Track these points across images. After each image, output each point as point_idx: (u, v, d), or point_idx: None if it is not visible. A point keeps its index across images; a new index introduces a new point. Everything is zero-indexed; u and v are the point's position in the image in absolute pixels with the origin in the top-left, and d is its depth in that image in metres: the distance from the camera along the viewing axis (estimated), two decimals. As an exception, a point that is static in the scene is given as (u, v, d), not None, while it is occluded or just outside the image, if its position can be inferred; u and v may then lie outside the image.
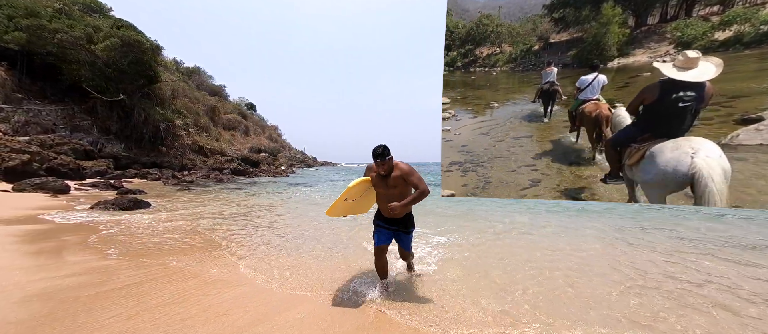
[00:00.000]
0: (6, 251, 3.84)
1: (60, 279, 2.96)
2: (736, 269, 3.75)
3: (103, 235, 4.87)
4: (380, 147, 2.68)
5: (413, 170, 2.73)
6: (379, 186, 2.82)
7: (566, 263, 3.95)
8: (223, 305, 2.61)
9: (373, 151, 2.69)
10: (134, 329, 2.15)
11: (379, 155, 2.66)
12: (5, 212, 6.50)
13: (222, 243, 4.67)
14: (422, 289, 3.09)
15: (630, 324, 2.47)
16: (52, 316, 2.26)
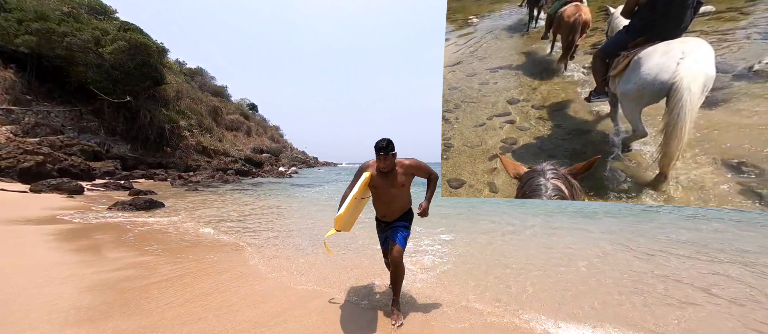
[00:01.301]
0: (49, 248, 4.18)
1: (109, 273, 3.29)
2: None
3: (134, 234, 5.20)
4: (384, 140, 2.45)
5: (417, 161, 2.58)
6: (379, 185, 2.58)
7: (563, 259, 4.29)
8: (258, 295, 2.94)
9: (376, 145, 2.45)
10: (190, 312, 2.48)
11: (383, 149, 2.43)
12: (32, 212, 6.83)
13: (245, 242, 5.00)
14: (426, 283, 3.43)
15: (627, 319, 2.81)
16: (116, 302, 2.59)
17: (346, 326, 2.39)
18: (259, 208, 9.14)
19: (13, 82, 19.66)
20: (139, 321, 2.29)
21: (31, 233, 4.97)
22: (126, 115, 23.35)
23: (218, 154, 32.73)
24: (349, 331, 2.31)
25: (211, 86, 48.56)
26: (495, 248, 4.87)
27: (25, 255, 3.77)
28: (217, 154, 32.47)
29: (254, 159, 36.59)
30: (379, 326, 2.42)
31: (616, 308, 2.86)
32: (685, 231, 6.06)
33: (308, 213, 8.49)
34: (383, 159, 2.45)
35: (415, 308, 2.76)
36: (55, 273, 3.20)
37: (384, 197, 2.61)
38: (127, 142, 23.31)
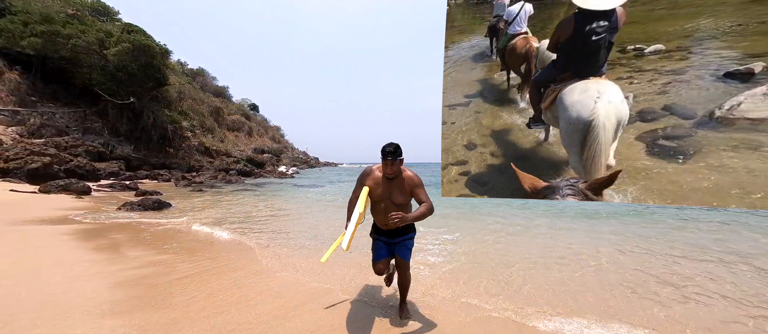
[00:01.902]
0: (70, 247, 4.38)
1: (133, 270, 3.50)
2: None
3: (149, 234, 5.41)
4: (392, 144, 2.40)
5: (422, 184, 2.50)
6: (381, 193, 2.50)
7: (560, 256, 4.49)
8: (273, 291, 3.14)
9: (384, 149, 2.39)
10: (213, 306, 2.68)
11: (391, 154, 2.36)
12: (45, 212, 7.04)
13: (254, 241, 5.20)
14: (431, 280, 3.63)
15: (621, 313, 3.01)
16: (144, 297, 2.79)
17: (357, 320, 2.59)
18: (265, 208, 9.34)
19: (19, 84, 19.90)
20: (168, 314, 2.49)
21: (49, 232, 5.18)
22: (129, 116, 23.57)
23: (220, 154, 32.94)
24: (360, 325, 2.51)
25: (212, 87, 48.82)
26: (498, 247, 5.07)
27: (50, 254, 3.98)
28: (219, 154, 32.68)
29: (256, 159, 36.78)
30: (387, 320, 2.62)
31: (611, 304, 3.06)
32: (684, 233, 6.26)
33: (312, 213, 8.69)
34: (390, 164, 2.38)
35: (420, 304, 2.95)
36: (81, 270, 3.41)
37: (384, 205, 2.50)
38: (130, 143, 23.52)
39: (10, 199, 8.74)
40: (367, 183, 2.54)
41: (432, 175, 24.36)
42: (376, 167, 2.53)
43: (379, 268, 2.63)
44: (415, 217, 2.29)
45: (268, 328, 2.37)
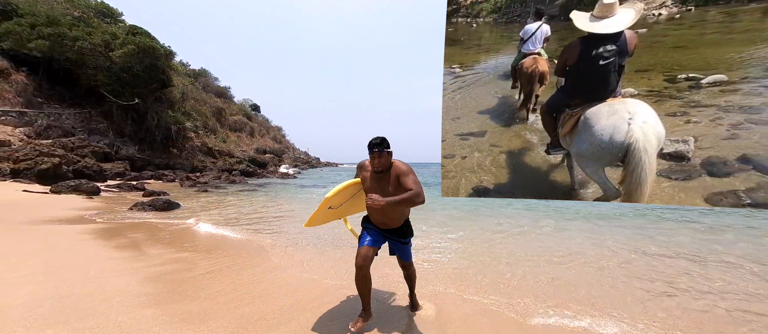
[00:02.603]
0: (93, 246, 4.61)
1: (158, 267, 3.72)
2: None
3: (165, 233, 5.64)
4: (379, 138, 2.33)
5: (411, 171, 2.37)
6: (372, 188, 2.43)
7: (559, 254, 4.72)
8: (291, 286, 3.35)
9: (371, 142, 2.33)
10: (239, 298, 2.90)
11: (377, 145, 2.29)
12: (60, 212, 7.27)
13: (267, 241, 5.43)
14: (438, 277, 3.85)
15: (614, 309, 3.22)
16: (174, 291, 3.01)
17: (373, 313, 2.80)
18: (273, 208, 9.57)
19: (25, 85, 20.16)
20: (199, 305, 2.71)
21: (69, 232, 5.41)
22: (134, 117, 23.83)
23: (223, 155, 33.19)
24: (375, 316, 2.73)
25: (214, 87, 49.07)
26: (500, 246, 5.29)
27: (77, 252, 4.20)
28: (221, 154, 32.93)
29: (258, 160, 37.03)
30: (397, 312, 2.84)
31: (606, 301, 3.28)
32: (686, 235, 6.48)
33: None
34: (377, 156, 2.30)
35: (428, 298, 3.17)
36: (111, 267, 3.63)
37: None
38: (134, 144, 23.78)
39: (24, 199, 8.97)
40: (361, 175, 2.53)
41: (432, 175, 24.58)
42: (368, 161, 2.45)
43: (363, 252, 2.33)
44: (397, 200, 2.17)
45: (291, 317, 2.58)
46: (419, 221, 7.40)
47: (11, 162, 13.55)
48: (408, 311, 2.83)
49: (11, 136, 17.17)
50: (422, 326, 2.57)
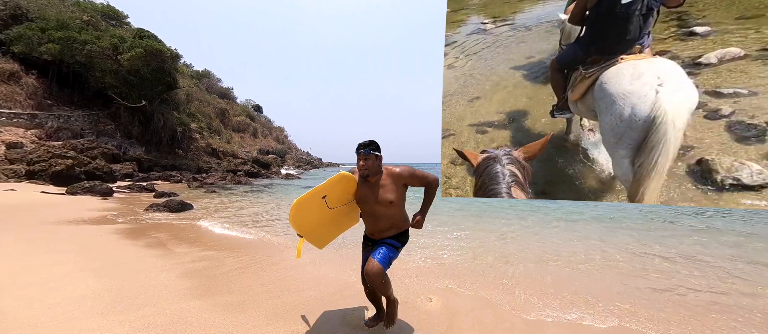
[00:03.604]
0: (124, 244, 4.95)
1: (189, 264, 4.06)
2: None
3: (187, 233, 5.99)
4: (367, 140, 2.15)
5: (409, 167, 2.21)
6: (363, 196, 2.23)
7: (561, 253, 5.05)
8: (313, 281, 3.68)
9: (358, 144, 2.15)
10: (269, 291, 3.23)
11: (364, 146, 2.11)
12: (82, 213, 7.63)
13: (284, 240, 5.77)
14: (445, 273, 4.18)
15: (607, 304, 3.55)
16: (210, 285, 3.35)
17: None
18: (284, 210, 9.92)
19: (36, 88, 20.58)
20: (235, 297, 3.05)
21: (98, 232, 5.76)
22: (140, 119, 24.24)
23: (227, 155, 33.58)
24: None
25: (218, 88, 49.51)
26: (503, 245, 5.62)
27: (111, 250, 4.55)
28: (226, 155, 33.33)
29: (262, 160, 37.41)
30: (414, 304, 3.17)
31: (602, 297, 3.60)
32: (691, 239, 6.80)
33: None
34: (363, 158, 2.11)
35: (436, 292, 3.51)
36: (148, 264, 3.97)
37: (367, 208, 2.24)
38: (141, 145, 24.19)
39: (44, 200, 9.34)
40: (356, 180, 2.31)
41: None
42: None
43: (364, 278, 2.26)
44: (427, 209, 2.23)
45: (317, 308, 2.92)
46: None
47: (25, 164, 13.95)
48: (418, 304, 3.16)
49: (23, 138, 17.58)
50: (431, 318, 2.90)
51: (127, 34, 23.74)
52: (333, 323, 2.63)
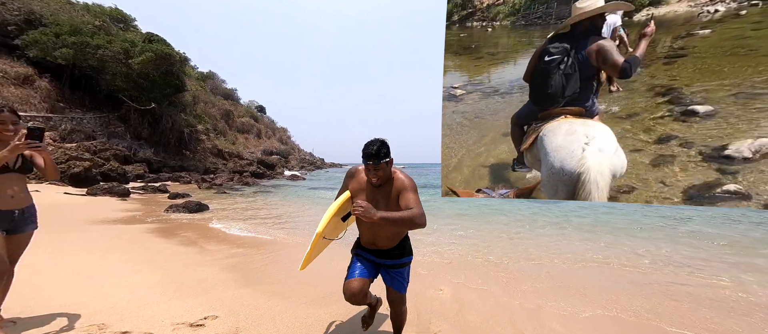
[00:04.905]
0: (159, 242, 5.46)
1: (224, 259, 4.56)
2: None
3: (212, 232, 6.51)
4: (375, 144, 1.88)
5: (415, 188, 1.96)
6: (367, 201, 1.93)
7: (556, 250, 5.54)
8: (339, 274, 4.17)
9: (365, 150, 1.89)
10: (304, 282, 3.70)
11: (373, 156, 1.86)
12: (110, 214, 8.15)
13: (299, 239, 6.28)
14: (451, 269, 4.67)
15: (604, 306, 4.04)
16: (250, 278, 3.84)
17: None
18: (295, 211, 10.43)
19: (49, 91, 21.16)
20: (274, 287, 3.54)
21: (133, 231, 6.27)
22: (150, 121, 24.81)
23: (232, 156, 34.15)
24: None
25: (222, 89, 50.10)
26: (505, 245, 6.11)
27: (152, 247, 5.05)
28: (231, 156, 33.89)
29: (266, 161, 37.96)
30: (426, 295, 3.66)
31: (597, 293, 4.09)
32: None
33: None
34: (373, 169, 1.89)
35: (446, 284, 4.00)
36: (190, 259, 4.47)
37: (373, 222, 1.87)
38: (150, 146, 24.76)
39: (69, 201, 9.87)
40: (351, 186, 2.12)
41: (438, 176, 25.37)
42: (363, 168, 2.04)
43: (354, 287, 1.99)
44: (394, 218, 1.78)
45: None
46: (428, 218, 8.22)
47: (45, 166, 14.45)
48: (430, 294, 3.64)
49: (39, 141, 18.09)
50: (443, 305, 3.37)
51: (136, 38, 24.30)
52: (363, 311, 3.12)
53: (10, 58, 20.28)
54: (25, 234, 2.26)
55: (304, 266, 2.23)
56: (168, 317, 2.61)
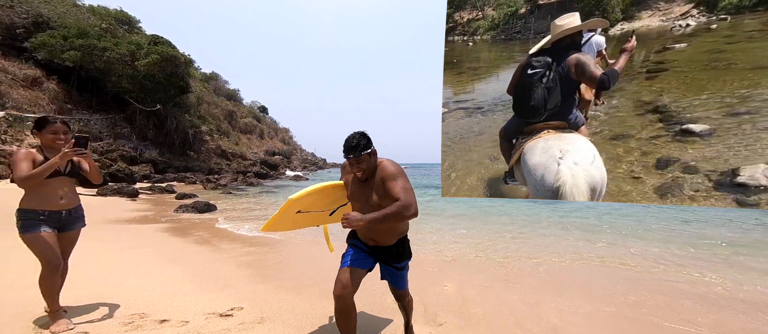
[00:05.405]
0: (175, 240, 5.71)
1: (239, 257, 4.80)
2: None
3: (223, 231, 6.76)
4: (355, 138, 1.84)
5: (400, 174, 1.87)
6: (356, 197, 2.01)
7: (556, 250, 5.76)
8: (345, 272, 4.43)
9: (344, 145, 1.85)
10: (316, 278, 3.92)
11: (352, 148, 1.80)
12: (124, 214, 8.43)
13: (307, 239, 6.52)
14: (454, 266, 4.90)
15: (600, 303, 4.27)
16: (266, 273, 4.07)
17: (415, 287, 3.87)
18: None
19: (57, 93, 21.49)
20: (289, 282, 3.78)
21: (149, 230, 6.53)
22: (155, 122, 25.13)
23: (236, 157, 34.45)
24: (422, 301, 3.77)
25: (225, 90, 50.44)
26: (505, 244, 6.34)
27: (168, 245, 5.31)
28: (235, 157, 34.20)
29: (269, 161, 38.26)
30: (432, 290, 3.90)
31: (588, 287, 4.32)
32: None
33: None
34: (355, 163, 1.84)
35: (450, 280, 4.23)
36: (208, 256, 4.72)
37: (362, 208, 1.95)
38: (155, 147, 25.07)
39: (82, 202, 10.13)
40: (344, 179, 2.17)
41: (439, 176, 25.58)
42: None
43: (345, 278, 1.91)
44: (380, 217, 1.71)
45: (361, 290, 3.64)
46: (431, 218, 8.47)
47: (55, 166, 14.73)
48: (436, 289, 3.88)
49: (48, 142, 18.40)
50: (448, 299, 3.61)
51: (141, 40, 24.64)
52: (372, 303, 3.37)
53: (18, 61, 20.63)
54: (74, 231, 2.52)
55: (266, 228, 2.33)
56: (199, 307, 2.86)
